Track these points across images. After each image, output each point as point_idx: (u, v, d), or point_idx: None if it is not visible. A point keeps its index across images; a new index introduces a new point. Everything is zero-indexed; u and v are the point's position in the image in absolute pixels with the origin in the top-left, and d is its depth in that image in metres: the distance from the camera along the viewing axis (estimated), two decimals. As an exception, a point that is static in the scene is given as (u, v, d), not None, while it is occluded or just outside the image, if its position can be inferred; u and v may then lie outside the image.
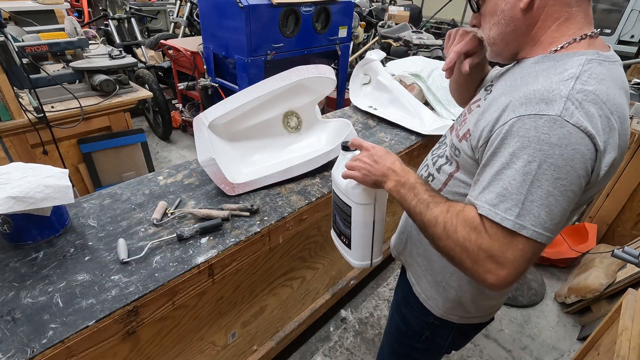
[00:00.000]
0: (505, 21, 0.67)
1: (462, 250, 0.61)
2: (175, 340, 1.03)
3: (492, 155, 0.61)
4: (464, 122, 0.75)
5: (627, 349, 1.10)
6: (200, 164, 1.14)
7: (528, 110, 0.57)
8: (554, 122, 0.54)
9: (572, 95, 0.55)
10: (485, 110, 0.67)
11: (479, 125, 0.67)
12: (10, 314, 0.75)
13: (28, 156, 1.81)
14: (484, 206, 0.59)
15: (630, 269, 1.85)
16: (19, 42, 1.86)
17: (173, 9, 4.52)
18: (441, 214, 0.65)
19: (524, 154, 0.55)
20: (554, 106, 0.55)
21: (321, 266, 1.58)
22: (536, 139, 0.55)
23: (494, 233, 0.58)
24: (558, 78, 0.58)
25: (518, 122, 0.57)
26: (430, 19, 5.80)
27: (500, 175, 0.58)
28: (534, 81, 0.61)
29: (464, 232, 0.61)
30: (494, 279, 0.58)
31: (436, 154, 0.88)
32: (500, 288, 0.59)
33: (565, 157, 0.54)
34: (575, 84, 0.57)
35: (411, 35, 3.33)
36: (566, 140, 0.54)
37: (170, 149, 3.60)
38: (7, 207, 0.83)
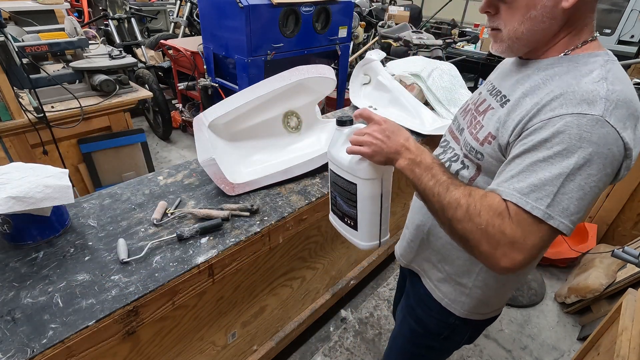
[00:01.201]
0: (542, 18, 0.65)
1: (482, 234, 0.62)
2: (175, 340, 1.03)
3: (528, 149, 0.62)
4: (480, 126, 0.75)
5: (627, 349, 1.10)
6: (200, 164, 1.14)
7: (570, 109, 0.59)
8: (597, 122, 0.57)
9: (608, 96, 0.58)
10: (510, 111, 0.68)
11: (507, 126, 0.67)
12: (10, 314, 0.75)
13: (28, 156, 1.81)
14: (514, 194, 0.60)
15: (630, 269, 1.85)
16: (19, 42, 1.86)
17: (173, 9, 4.52)
18: (463, 196, 0.65)
19: (565, 149, 0.58)
20: (596, 107, 0.57)
21: (321, 266, 1.58)
22: (578, 136, 0.57)
23: (521, 220, 0.60)
24: (589, 79, 0.61)
25: (561, 120, 0.59)
26: (430, 19, 5.80)
27: (536, 167, 0.60)
28: (561, 82, 0.63)
29: (487, 216, 0.61)
30: (509, 262, 0.60)
31: (445, 158, 0.87)
32: (512, 271, 0.61)
33: (601, 155, 0.57)
34: (607, 85, 0.59)
35: (411, 35, 3.33)
36: (604, 139, 0.57)
37: (170, 149, 3.60)
38: (7, 207, 0.83)
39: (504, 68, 0.83)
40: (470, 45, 4.29)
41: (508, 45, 0.70)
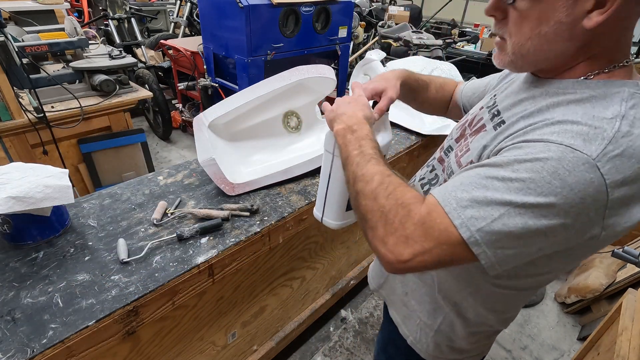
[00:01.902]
0: (555, 37, 0.52)
1: (380, 217, 0.56)
2: (175, 340, 1.03)
3: (491, 163, 0.53)
4: (466, 150, 0.67)
5: (627, 349, 1.10)
6: (200, 164, 1.14)
7: (560, 138, 0.48)
8: (584, 164, 0.46)
9: (616, 138, 0.47)
10: (498, 134, 0.60)
11: (488, 150, 0.60)
12: (10, 314, 0.75)
13: (28, 156, 1.81)
14: (451, 202, 0.52)
15: (630, 269, 1.85)
16: (19, 42, 1.86)
17: (173, 9, 4.52)
18: (380, 173, 0.60)
19: (530, 180, 0.48)
20: (591, 146, 0.47)
21: (321, 266, 1.58)
22: (553, 170, 0.47)
23: (436, 226, 0.52)
24: (601, 114, 0.49)
25: (544, 147, 0.49)
26: (430, 19, 5.80)
27: (488, 182, 0.51)
28: (566, 111, 0.52)
29: (395, 202, 0.56)
30: (394, 257, 0.54)
31: (426, 179, 0.80)
32: (397, 271, 0.56)
33: (568, 200, 0.47)
34: (621, 125, 0.48)
35: (411, 35, 3.33)
36: (582, 186, 0.46)
37: (170, 149, 3.60)
38: (7, 207, 0.83)
39: (514, 81, 0.71)
40: (470, 45, 4.29)
41: (511, 60, 0.59)
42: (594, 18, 0.48)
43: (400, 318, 0.88)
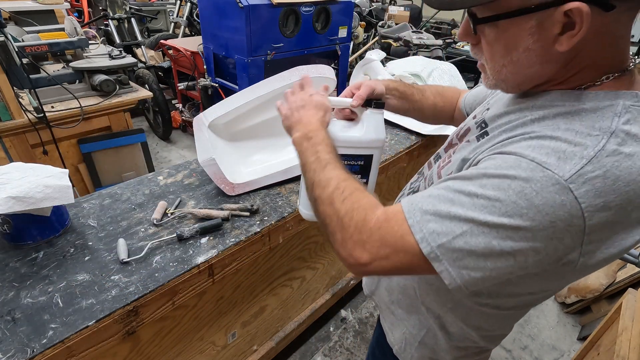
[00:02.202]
0: (530, 62, 0.49)
1: (337, 223, 0.56)
2: (175, 340, 1.03)
3: (461, 176, 0.51)
4: (448, 161, 0.65)
5: (627, 349, 1.10)
6: (200, 164, 1.14)
7: (533, 154, 0.45)
8: (553, 185, 0.42)
9: (598, 158, 0.42)
10: (478, 146, 0.57)
11: (467, 161, 0.58)
12: (10, 314, 0.75)
13: (28, 156, 1.81)
14: (415, 214, 0.50)
15: (630, 269, 1.85)
16: (19, 42, 1.86)
17: (173, 9, 4.52)
18: (337, 178, 0.59)
19: (496, 198, 0.45)
20: (565, 165, 0.43)
21: (321, 266, 1.58)
22: (520, 189, 0.44)
23: (392, 234, 0.51)
24: (586, 129, 0.45)
25: (516, 161, 0.46)
26: (430, 19, 5.80)
27: (455, 197, 0.49)
28: (551, 124, 0.48)
29: (351, 206, 0.55)
30: (354, 261, 0.54)
31: (415, 187, 0.80)
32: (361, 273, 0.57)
33: (536, 223, 0.43)
34: (607, 143, 0.43)
35: (411, 35, 3.33)
36: (550, 209, 0.42)
37: (170, 149, 3.60)
38: (7, 207, 0.83)
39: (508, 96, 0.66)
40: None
41: (495, 84, 0.56)
42: (564, 42, 0.45)
43: (388, 326, 0.87)
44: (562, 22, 0.44)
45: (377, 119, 0.82)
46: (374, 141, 0.81)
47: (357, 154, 0.82)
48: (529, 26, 0.46)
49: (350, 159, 0.82)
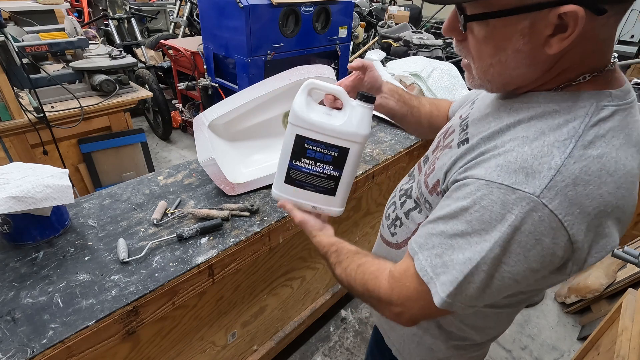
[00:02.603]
0: (518, 63, 0.48)
1: (368, 301, 0.65)
2: (175, 340, 1.03)
3: (450, 215, 0.52)
4: (432, 168, 0.65)
5: (627, 349, 1.10)
6: (200, 164, 1.14)
7: (501, 177, 0.45)
8: (527, 204, 0.43)
9: (566, 166, 0.43)
10: (459, 157, 0.56)
11: (449, 175, 0.57)
12: (10, 314, 0.75)
13: (28, 156, 1.81)
14: (427, 271, 0.53)
15: (630, 269, 1.85)
16: (19, 42, 1.86)
17: (173, 9, 4.52)
18: (343, 272, 0.68)
19: (483, 230, 0.47)
20: (534, 181, 0.43)
21: (321, 266, 1.58)
22: (500, 216, 0.45)
23: (412, 300, 0.56)
24: (553, 137, 0.45)
25: (488, 188, 0.46)
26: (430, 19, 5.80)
27: (453, 242, 0.51)
28: (522, 131, 0.49)
29: (363, 286, 0.63)
30: (405, 321, 0.60)
31: (404, 189, 0.80)
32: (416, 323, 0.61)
33: (523, 245, 0.45)
34: (574, 147, 0.44)
35: (411, 35, 3.33)
36: (532, 227, 0.43)
37: (170, 149, 3.60)
38: (7, 207, 0.83)
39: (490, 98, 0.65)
40: (470, 45, 4.28)
41: (480, 84, 0.55)
42: (554, 45, 0.44)
43: (386, 328, 0.89)
44: (554, 24, 0.43)
45: (362, 112, 0.75)
46: (352, 134, 0.75)
47: (330, 143, 0.76)
48: (522, 27, 0.45)
49: (322, 147, 0.76)
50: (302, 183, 0.81)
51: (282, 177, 0.82)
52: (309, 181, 0.81)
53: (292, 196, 0.83)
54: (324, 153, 0.78)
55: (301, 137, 0.76)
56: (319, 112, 0.77)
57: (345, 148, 0.76)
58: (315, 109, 0.77)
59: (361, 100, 0.75)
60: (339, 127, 0.75)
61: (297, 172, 0.80)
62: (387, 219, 0.83)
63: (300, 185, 0.81)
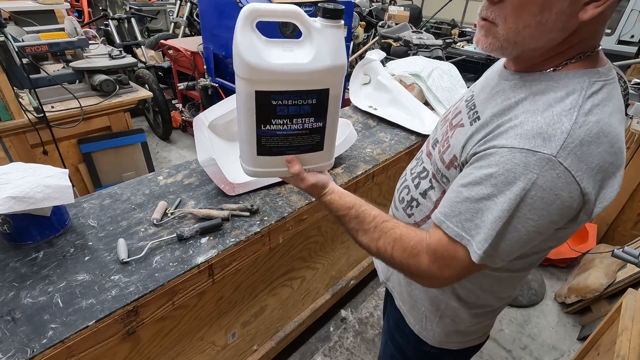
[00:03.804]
0: (552, 26, 0.51)
1: (402, 271, 0.67)
2: (175, 340, 1.03)
3: (474, 182, 0.57)
4: (447, 145, 0.69)
5: (627, 349, 1.10)
6: (200, 164, 1.14)
7: (522, 142, 0.52)
8: (547, 163, 0.50)
9: (574, 130, 0.50)
10: (475, 132, 0.62)
11: (466, 149, 0.62)
12: (10, 314, 0.75)
13: (28, 156, 1.81)
14: (461, 233, 0.58)
15: (630, 269, 1.85)
16: (19, 42, 1.86)
17: (173, 9, 4.52)
18: (372, 241, 0.68)
19: (508, 190, 0.53)
20: (551, 143, 0.50)
21: (321, 266, 1.58)
22: (523, 176, 0.51)
23: (442, 254, 0.60)
24: (560, 108, 0.52)
25: (509, 154, 0.53)
26: (430, 19, 5.79)
27: (481, 205, 0.56)
28: (531, 106, 0.55)
29: (400, 258, 0.64)
30: (440, 284, 0.65)
31: (415, 172, 0.82)
32: (450, 284, 0.68)
33: (545, 200, 0.51)
34: (578, 115, 0.51)
35: (411, 35, 3.33)
36: (552, 184, 0.50)
37: (170, 149, 3.60)
38: (7, 207, 0.83)
39: (488, 74, 0.73)
40: (470, 45, 4.29)
41: (501, 46, 0.57)
42: (589, 10, 0.49)
43: (407, 308, 0.90)
44: None
45: (332, 34, 0.57)
46: (328, 69, 0.58)
47: (306, 89, 0.59)
48: None
49: (295, 98, 0.59)
50: (280, 149, 0.66)
51: (253, 149, 0.65)
52: (288, 144, 0.65)
53: (270, 168, 0.69)
54: (299, 105, 0.61)
55: (263, 93, 0.58)
56: (275, 50, 0.57)
57: (324, 90, 0.60)
58: (268, 47, 0.57)
59: (325, 17, 0.56)
60: (309, 65, 0.57)
61: (270, 139, 0.64)
62: (402, 202, 0.85)
63: (277, 153, 0.66)
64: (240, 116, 0.63)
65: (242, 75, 0.57)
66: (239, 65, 0.56)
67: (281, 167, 0.69)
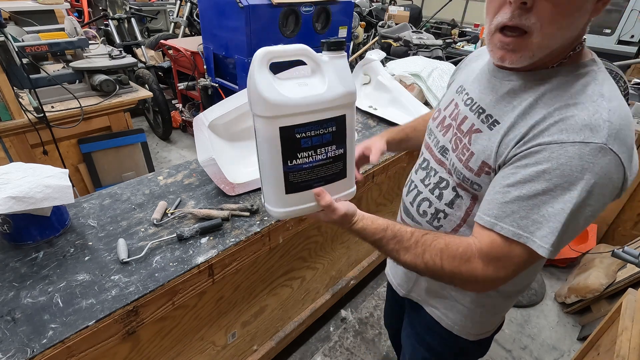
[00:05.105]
0: (578, 26, 0.56)
1: (455, 282, 0.66)
2: (175, 340, 1.03)
3: (525, 180, 0.57)
4: (470, 153, 0.69)
5: (627, 349, 1.10)
6: (200, 164, 1.14)
7: (572, 136, 0.54)
8: (599, 151, 0.53)
9: (611, 118, 0.54)
10: (504, 136, 0.63)
11: (501, 153, 0.63)
12: (10, 314, 0.75)
13: (28, 156, 1.81)
14: (518, 232, 0.58)
15: (630, 269, 1.85)
16: (19, 42, 1.86)
17: (173, 9, 4.52)
18: (417, 258, 0.65)
19: (567, 182, 0.54)
20: (599, 133, 0.53)
21: (321, 266, 1.58)
22: (580, 167, 0.53)
23: (499, 254, 0.59)
24: (587, 98, 0.56)
25: (561, 149, 0.54)
26: (430, 19, 5.79)
27: (537, 200, 0.57)
28: (556, 101, 0.57)
29: (451, 267, 0.63)
30: (493, 287, 0.64)
31: (431, 182, 0.81)
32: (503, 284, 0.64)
33: (602, 186, 0.54)
34: (606, 103, 0.55)
35: (411, 35, 3.32)
36: (606, 169, 0.53)
37: (170, 149, 3.60)
38: (7, 207, 0.83)
39: (477, 73, 0.73)
40: (470, 45, 4.28)
41: (532, 55, 0.57)
42: (600, 8, 0.54)
43: (442, 311, 0.90)
44: None
45: (339, 65, 0.63)
46: (342, 96, 0.62)
47: (325, 118, 0.62)
48: None
49: (316, 128, 0.62)
50: (308, 183, 0.66)
51: (280, 188, 0.65)
52: (315, 176, 0.65)
53: (300, 205, 0.67)
54: (321, 134, 0.63)
55: (287, 128, 0.60)
56: (291, 87, 0.61)
57: (341, 116, 0.64)
58: (285, 85, 0.61)
59: (330, 50, 0.63)
60: (326, 95, 0.61)
61: (298, 173, 0.64)
62: (424, 215, 0.83)
63: (305, 187, 0.66)
64: (264, 157, 0.64)
65: (264, 114, 0.59)
66: (261, 106, 0.58)
67: (310, 202, 0.68)
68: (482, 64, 0.73)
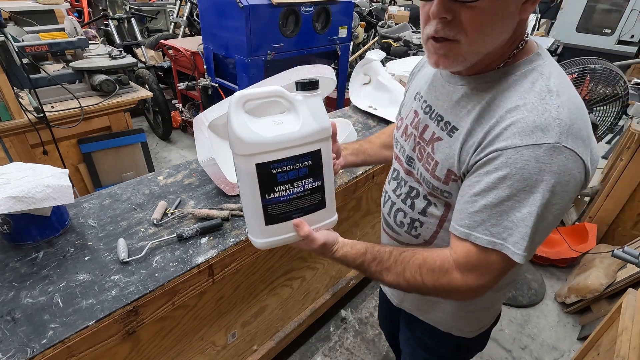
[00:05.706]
0: (505, 29, 0.57)
1: (438, 294, 0.65)
2: (175, 340, 1.03)
3: (489, 188, 0.58)
4: (432, 161, 0.70)
5: (627, 349, 1.10)
6: (200, 164, 1.14)
7: (524, 140, 0.54)
8: (554, 150, 0.53)
9: (560, 114, 0.54)
10: (463, 143, 0.63)
11: (462, 160, 0.63)
12: (10, 314, 0.75)
13: (28, 156, 1.81)
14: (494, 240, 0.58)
15: (630, 269, 1.85)
16: (19, 42, 1.86)
17: (173, 9, 4.52)
18: (398, 277, 0.66)
19: (527, 186, 0.54)
20: (550, 132, 0.53)
21: (321, 266, 1.58)
22: (537, 169, 0.53)
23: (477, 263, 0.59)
24: (535, 96, 0.56)
25: (516, 153, 0.55)
26: (430, 19, 5.79)
27: (503, 206, 0.57)
28: (507, 102, 0.58)
29: (432, 280, 0.63)
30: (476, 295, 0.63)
31: (402, 193, 0.82)
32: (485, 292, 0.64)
33: (563, 183, 0.54)
34: (554, 99, 0.55)
35: (411, 35, 3.32)
36: (564, 166, 0.53)
37: (170, 149, 3.60)
38: (7, 207, 0.83)
39: (432, 79, 0.74)
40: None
41: (464, 59, 0.59)
42: (529, 8, 0.55)
43: (440, 318, 0.89)
44: None
45: (313, 103, 0.66)
46: (316, 132, 0.65)
47: (300, 153, 0.65)
48: None
49: (292, 163, 0.65)
50: (287, 214, 0.68)
51: (260, 220, 0.67)
52: (293, 207, 0.68)
53: (280, 235, 0.70)
54: (297, 169, 0.66)
55: (263, 165, 0.63)
56: (267, 125, 0.64)
57: (316, 151, 0.66)
58: (261, 124, 0.64)
59: (304, 90, 0.65)
60: (300, 132, 0.63)
61: (276, 206, 0.67)
62: (401, 225, 0.83)
63: (285, 218, 0.68)
64: (244, 191, 0.67)
65: (241, 152, 0.63)
66: (238, 145, 0.63)
67: (291, 232, 0.70)
68: (434, 69, 0.73)
